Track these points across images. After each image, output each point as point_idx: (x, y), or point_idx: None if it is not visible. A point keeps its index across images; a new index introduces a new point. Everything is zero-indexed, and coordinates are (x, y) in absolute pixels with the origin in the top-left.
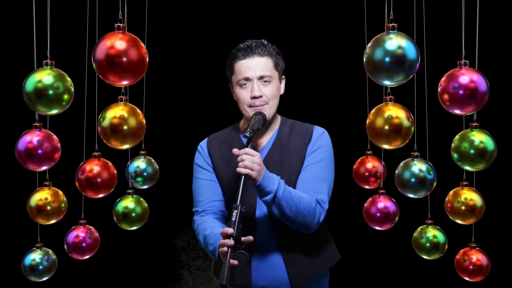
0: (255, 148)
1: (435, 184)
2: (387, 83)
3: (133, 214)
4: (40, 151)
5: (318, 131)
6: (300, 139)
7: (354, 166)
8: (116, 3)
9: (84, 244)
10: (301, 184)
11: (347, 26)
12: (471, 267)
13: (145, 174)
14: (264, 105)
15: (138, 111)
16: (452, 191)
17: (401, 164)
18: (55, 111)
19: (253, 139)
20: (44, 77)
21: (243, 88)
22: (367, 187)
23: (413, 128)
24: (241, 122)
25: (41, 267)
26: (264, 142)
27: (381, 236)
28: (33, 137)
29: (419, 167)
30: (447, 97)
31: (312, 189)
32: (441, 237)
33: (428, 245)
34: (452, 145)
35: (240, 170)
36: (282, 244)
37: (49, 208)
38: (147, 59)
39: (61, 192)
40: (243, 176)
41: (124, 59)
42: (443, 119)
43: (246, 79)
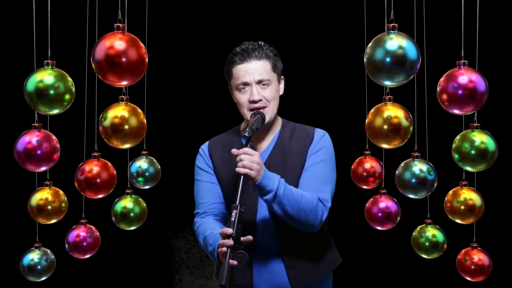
0: (254, 148)
1: (435, 184)
2: (387, 83)
3: (132, 214)
4: (39, 151)
5: (319, 133)
6: (301, 141)
7: (352, 166)
8: (116, 3)
9: (85, 244)
10: (303, 184)
11: (347, 26)
12: (472, 267)
13: (147, 174)
14: (265, 107)
15: (139, 110)
16: (451, 190)
17: (402, 164)
18: (56, 111)
19: (253, 141)
20: (45, 77)
21: (242, 93)
22: (365, 187)
23: (411, 128)
24: (241, 125)
25: (39, 267)
26: (266, 144)
27: (381, 236)
28: (32, 138)
29: (419, 167)
30: (446, 97)
31: (314, 188)
32: (440, 236)
33: (427, 244)
34: (453, 145)
35: (239, 169)
36: (283, 248)
37: (49, 207)
38: (147, 59)
39: (61, 192)
40: (242, 176)
41: (124, 59)
42: (443, 119)
43: (245, 83)
